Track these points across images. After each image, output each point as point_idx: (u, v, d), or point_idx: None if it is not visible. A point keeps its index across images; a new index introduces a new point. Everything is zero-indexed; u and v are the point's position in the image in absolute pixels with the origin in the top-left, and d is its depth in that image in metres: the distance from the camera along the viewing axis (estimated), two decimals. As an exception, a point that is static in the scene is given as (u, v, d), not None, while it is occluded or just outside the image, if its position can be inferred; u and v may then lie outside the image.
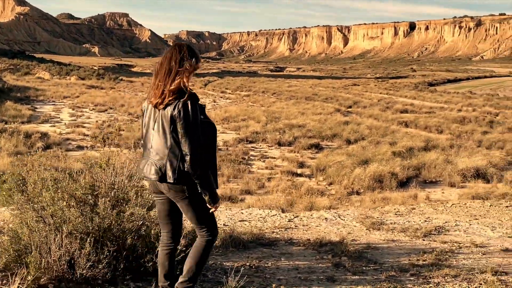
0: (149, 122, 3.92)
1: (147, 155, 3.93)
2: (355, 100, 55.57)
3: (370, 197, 16.33)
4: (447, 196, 17.32)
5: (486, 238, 6.62)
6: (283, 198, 15.20)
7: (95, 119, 34.02)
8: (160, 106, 3.81)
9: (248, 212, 7.56)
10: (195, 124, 3.76)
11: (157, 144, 3.85)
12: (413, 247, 5.98)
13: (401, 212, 8.19)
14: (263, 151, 25.08)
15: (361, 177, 18.01)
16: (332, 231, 6.87)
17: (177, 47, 3.89)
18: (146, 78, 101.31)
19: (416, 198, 16.11)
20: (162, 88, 3.80)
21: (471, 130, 30.75)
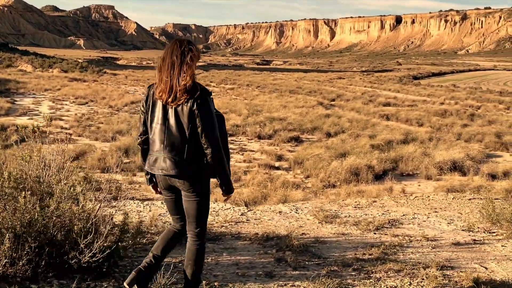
0: (160, 118, 3.94)
1: (159, 151, 3.95)
2: (339, 93, 55.56)
3: (345, 190, 16.25)
4: (423, 188, 17.30)
5: (439, 231, 6.54)
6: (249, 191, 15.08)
7: (75, 112, 33.65)
8: (173, 104, 3.86)
9: None
10: (213, 118, 3.89)
11: (173, 139, 3.89)
12: (362, 240, 5.86)
13: (361, 205, 8.07)
14: (243, 144, 24.93)
15: (338, 170, 17.93)
16: (284, 225, 6.75)
17: (178, 42, 3.95)
18: (130, 71, 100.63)
19: (391, 191, 16.07)
20: (169, 83, 3.85)
21: (451, 123, 30.81)
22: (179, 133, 3.88)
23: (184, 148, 3.88)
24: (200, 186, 3.95)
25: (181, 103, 3.83)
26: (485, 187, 16.08)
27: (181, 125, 3.87)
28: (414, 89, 64.22)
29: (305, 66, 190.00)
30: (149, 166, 4.07)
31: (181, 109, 3.85)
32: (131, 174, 17.16)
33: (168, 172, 3.91)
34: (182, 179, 3.92)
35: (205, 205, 4.03)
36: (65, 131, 25.84)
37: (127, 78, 76.72)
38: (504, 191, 15.63)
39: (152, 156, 4.03)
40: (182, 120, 3.86)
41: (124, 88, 57.55)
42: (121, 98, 41.81)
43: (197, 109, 3.81)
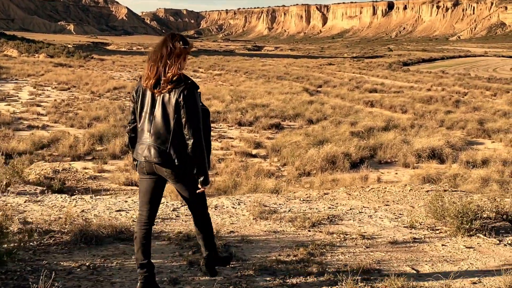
0: (148, 107, 4.13)
1: (146, 139, 4.14)
2: (326, 79, 55.19)
3: (320, 179, 15.97)
4: (399, 177, 17.04)
5: (379, 228, 6.19)
6: (221, 180, 14.75)
7: (55, 98, 33.10)
8: (157, 91, 4.06)
9: (132, 200, 7.03)
10: (198, 111, 4.06)
11: (159, 128, 4.07)
12: (293, 239, 5.52)
13: (311, 198, 7.73)
14: (222, 131, 24.56)
15: (314, 158, 17.62)
16: (215, 221, 6.19)
17: (170, 35, 4.19)
18: (118, 56, 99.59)
19: (366, 180, 15.81)
20: (155, 71, 4.06)
21: (435, 110, 30.54)
22: (164, 123, 4.04)
23: (169, 137, 4.04)
24: (185, 175, 4.14)
25: (166, 92, 4.02)
26: (461, 176, 15.85)
27: (167, 115, 4.03)
28: (402, 75, 63.92)
29: (296, 52, 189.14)
30: (135, 153, 4.25)
31: (168, 99, 4.02)
32: (102, 162, 16.76)
33: (151, 159, 4.09)
34: (165, 167, 4.09)
35: (194, 183, 4.20)
36: (42, 117, 25.41)
37: (114, 63, 75.86)
38: (480, 180, 15.42)
39: (139, 144, 4.21)
40: (168, 110, 4.02)
41: (110, 73, 56.86)
42: (104, 84, 41.23)
43: (183, 101, 3.97)
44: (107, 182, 14.35)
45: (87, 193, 9.00)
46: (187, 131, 4.01)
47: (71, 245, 4.75)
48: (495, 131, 24.20)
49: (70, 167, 11.54)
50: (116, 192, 9.28)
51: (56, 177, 9.66)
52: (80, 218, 5.28)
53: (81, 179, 10.37)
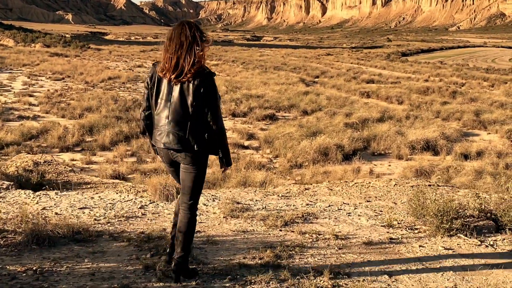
0: (164, 94, 4.17)
1: (164, 126, 4.18)
2: (324, 70, 54.86)
3: (311, 171, 15.74)
4: (392, 169, 16.81)
5: (355, 227, 5.85)
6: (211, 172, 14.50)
7: (48, 87, 32.78)
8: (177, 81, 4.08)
9: (99, 197, 6.72)
10: (218, 98, 4.15)
11: (177, 115, 4.12)
12: (262, 240, 5.19)
13: (290, 194, 7.44)
14: (215, 122, 24.27)
15: (307, 150, 17.37)
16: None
17: (186, 24, 4.13)
18: (115, 46, 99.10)
19: (358, 172, 15.58)
20: (175, 63, 4.04)
21: (431, 101, 30.25)
22: (183, 110, 4.09)
23: (187, 124, 4.10)
24: (199, 161, 4.21)
25: (186, 81, 4.06)
26: (455, 168, 15.62)
27: (185, 102, 4.08)
28: (400, 66, 63.52)
29: (295, 42, 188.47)
30: (154, 140, 4.31)
31: (187, 87, 4.07)
32: (91, 154, 16.52)
33: (171, 146, 4.16)
34: (183, 152, 4.17)
35: (201, 178, 4.31)
36: (33, 108, 25.12)
37: (111, 53, 75.44)
38: (473, 172, 15.19)
39: (157, 130, 4.24)
40: (187, 98, 4.08)
41: (106, 63, 56.48)
42: (99, 74, 40.89)
43: (204, 89, 4.05)
44: (93, 174, 14.11)
45: (67, 187, 8.76)
46: (210, 118, 4.09)
47: (22, 246, 4.39)
48: (491, 122, 23.94)
49: (52, 159, 11.28)
50: (96, 185, 9.02)
51: (36, 169, 9.40)
52: (40, 217, 4.99)
53: (63, 171, 10.12)
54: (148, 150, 17.22)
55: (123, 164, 15.21)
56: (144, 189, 8.06)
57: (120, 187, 8.60)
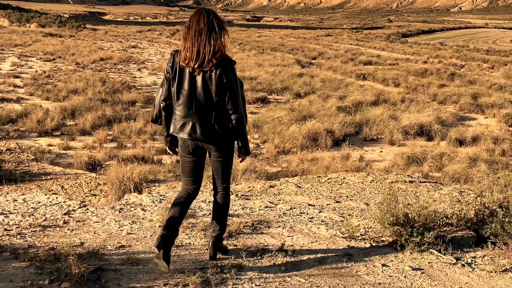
0: (188, 84, 4.13)
1: (187, 116, 4.14)
2: (322, 51, 53.92)
3: (299, 157, 15.11)
4: (384, 155, 16.18)
5: (312, 239, 4.95)
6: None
7: (37, 69, 32.00)
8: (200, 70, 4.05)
9: (23, 199, 5.93)
10: (238, 86, 4.16)
11: (201, 105, 4.11)
12: (196, 257, 4.35)
13: (252, 193, 6.65)
14: (205, 105, 23.58)
15: (295, 135, 16.71)
16: (109, 231, 4.97)
17: (204, 11, 4.11)
18: (112, 26, 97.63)
19: (347, 159, 14.95)
20: (196, 50, 4.01)
21: (428, 83, 29.48)
22: (207, 100, 4.09)
23: (212, 114, 4.10)
24: (226, 148, 4.25)
25: (208, 70, 4.04)
26: (448, 155, 14.98)
27: (209, 92, 4.08)
28: (399, 47, 62.48)
29: (295, 23, 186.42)
30: (175, 130, 4.24)
31: (209, 76, 4.05)
32: (69, 139, 15.87)
33: (196, 136, 4.14)
34: (210, 143, 4.19)
35: (229, 164, 4.38)
36: (18, 90, 24.41)
37: (107, 33, 74.34)
38: (467, 160, 14.55)
39: (178, 121, 4.18)
40: (211, 87, 4.07)
41: (100, 44, 55.54)
42: (91, 54, 40.07)
43: (226, 77, 4.03)
44: (69, 161, 13.48)
45: (24, 178, 8.12)
46: (230, 106, 4.10)
47: None
48: (489, 106, 23.24)
49: (15, 147, 10.64)
50: (57, 176, 8.39)
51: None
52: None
53: (24, 160, 9.49)
54: (129, 135, 16.56)
55: (101, 150, 14.56)
56: (105, 181, 7.39)
57: (81, 179, 7.96)
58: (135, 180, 6.95)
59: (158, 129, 17.75)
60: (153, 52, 49.54)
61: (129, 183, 6.86)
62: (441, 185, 7.21)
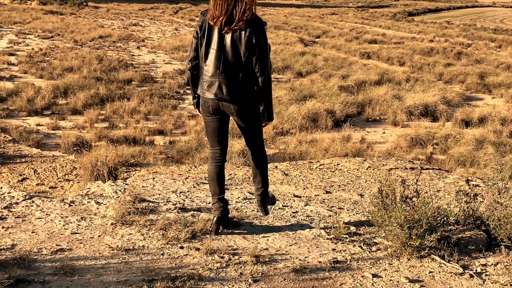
0: (216, 44, 4.05)
1: (214, 76, 4.09)
2: (326, 29, 52.88)
3: (297, 139, 14.51)
4: (386, 137, 15.54)
5: (291, 240, 4.24)
6: (186, 140, 13.30)
7: (34, 46, 31.29)
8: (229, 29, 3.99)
9: None
10: (268, 48, 4.11)
11: (229, 65, 4.05)
12: (148, 264, 3.63)
13: (232, 181, 5.84)
14: (204, 84, 22.91)
15: (294, 115, 16.08)
16: (50, 229, 4.27)
17: None
18: (115, 4, 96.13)
19: (348, 140, 14.33)
20: (225, 10, 3.95)
21: (434, 62, 28.66)
22: (235, 60, 4.03)
23: (239, 74, 4.05)
24: (250, 111, 4.19)
25: (238, 30, 3.98)
26: (454, 136, 14.33)
27: (237, 52, 4.02)
28: (405, 26, 61.32)
29: (300, 1, 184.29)
30: (201, 91, 4.22)
31: (238, 36, 3.99)
32: (60, 118, 15.28)
33: (222, 97, 4.09)
34: (234, 104, 4.12)
35: (256, 124, 4.30)
36: (12, 67, 23.78)
37: (109, 11, 73.32)
38: (474, 142, 13.92)
39: (206, 81, 4.16)
40: (240, 48, 4.02)
41: (101, 21, 54.69)
42: (90, 32, 39.30)
43: (256, 39, 3.98)
44: (57, 142, 12.92)
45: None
46: (257, 68, 4.03)
47: None
48: (496, 85, 22.48)
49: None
50: (33, 158, 7.81)
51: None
52: None
53: (0, 141, 8.93)
54: (122, 115, 15.96)
55: (91, 131, 13.97)
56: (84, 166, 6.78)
57: (57, 163, 7.38)
58: (110, 165, 6.35)
59: (152, 108, 17.16)
60: (154, 30, 48.65)
61: (103, 168, 6.27)
62: (446, 172, 6.54)
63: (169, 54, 30.82)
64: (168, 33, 46.37)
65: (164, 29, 51.06)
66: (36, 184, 6.66)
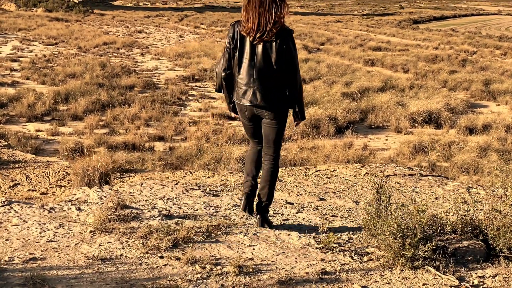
0: (249, 53, 4.31)
1: (248, 84, 4.35)
2: (330, 37, 52.79)
3: (298, 145, 14.35)
4: (389, 144, 15.37)
5: (278, 249, 4.03)
6: (187, 146, 13.15)
7: (37, 53, 31.30)
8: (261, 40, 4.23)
9: None
10: (296, 55, 4.34)
11: (262, 73, 4.30)
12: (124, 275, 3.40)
13: (223, 187, 5.71)
14: (206, 90, 22.81)
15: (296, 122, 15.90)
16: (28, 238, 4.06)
17: None
18: (120, 12, 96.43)
19: (350, 147, 14.16)
20: (257, 21, 4.19)
21: (438, 69, 28.47)
22: (267, 68, 4.27)
23: (271, 81, 4.31)
24: (281, 116, 4.45)
25: (269, 40, 4.22)
26: (457, 144, 14.14)
27: (269, 60, 4.26)
28: (410, 33, 61.14)
29: (305, 9, 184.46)
30: (237, 98, 4.48)
31: (270, 45, 4.23)
32: (59, 124, 15.18)
33: (257, 103, 4.36)
34: (268, 110, 4.39)
35: (282, 131, 4.58)
36: (14, 73, 23.75)
37: (114, 18, 73.57)
38: (477, 149, 13.72)
39: (241, 89, 4.41)
40: (271, 56, 4.25)
41: (106, 28, 54.81)
42: (95, 39, 39.31)
43: (286, 47, 4.22)
44: (56, 147, 12.81)
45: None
46: (290, 75, 4.28)
47: None
48: (501, 93, 22.29)
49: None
50: (26, 165, 7.68)
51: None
52: None
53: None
54: (122, 121, 15.84)
55: (91, 137, 13.85)
56: (76, 172, 6.64)
57: (50, 168, 7.24)
58: (101, 170, 6.20)
59: (154, 114, 17.05)
60: (158, 37, 48.69)
61: (94, 174, 6.13)
62: (446, 179, 6.34)
63: (172, 60, 30.77)
64: (172, 40, 46.36)
65: (169, 36, 51.07)
66: (28, 190, 6.53)
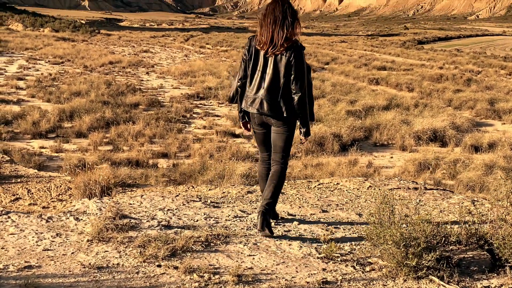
0: (261, 65, 4.61)
1: (258, 94, 4.62)
2: (335, 56, 52.98)
3: (303, 162, 14.29)
4: (394, 161, 15.29)
5: (279, 259, 3.97)
6: (190, 163, 13.11)
7: (43, 71, 31.48)
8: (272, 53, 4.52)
9: None
10: (304, 70, 4.55)
11: (271, 84, 4.56)
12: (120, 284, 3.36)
13: (225, 199, 5.59)
14: (211, 108, 22.85)
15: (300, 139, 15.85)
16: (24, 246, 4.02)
17: (280, 1, 4.55)
18: (127, 32, 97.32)
19: (355, 164, 14.09)
20: (270, 36, 4.49)
21: (443, 88, 28.46)
22: (276, 80, 4.54)
23: (279, 92, 4.54)
24: (288, 125, 4.68)
25: (280, 54, 4.49)
26: (463, 162, 14.05)
27: (278, 73, 4.53)
28: (415, 53, 61.29)
29: (310, 30, 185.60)
30: (246, 106, 4.74)
31: (280, 59, 4.51)
32: (63, 141, 15.18)
33: (264, 112, 4.61)
34: (275, 118, 4.64)
35: (289, 139, 4.80)
36: (20, 91, 23.86)
37: (120, 38, 74.20)
38: (483, 167, 13.62)
39: (250, 98, 4.68)
40: (280, 69, 4.52)
41: (112, 48, 55.18)
42: (101, 58, 39.55)
43: (294, 61, 4.46)
44: (59, 164, 12.78)
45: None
46: (294, 87, 4.49)
47: None
48: (507, 111, 22.23)
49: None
50: (28, 179, 7.66)
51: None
52: None
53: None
54: (126, 138, 15.84)
55: (94, 153, 13.84)
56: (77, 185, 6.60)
57: (52, 183, 7.20)
58: (103, 184, 6.16)
59: (158, 132, 17.04)
60: (164, 57, 48.95)
61: (95, 187, 6.09)
62: (450, 193, 6.27)
63: (177, 79, 30.89)
64: (178, 59, 46.63)
65: (174, 56, 51.36)
66: (29, 204, 6.50)
